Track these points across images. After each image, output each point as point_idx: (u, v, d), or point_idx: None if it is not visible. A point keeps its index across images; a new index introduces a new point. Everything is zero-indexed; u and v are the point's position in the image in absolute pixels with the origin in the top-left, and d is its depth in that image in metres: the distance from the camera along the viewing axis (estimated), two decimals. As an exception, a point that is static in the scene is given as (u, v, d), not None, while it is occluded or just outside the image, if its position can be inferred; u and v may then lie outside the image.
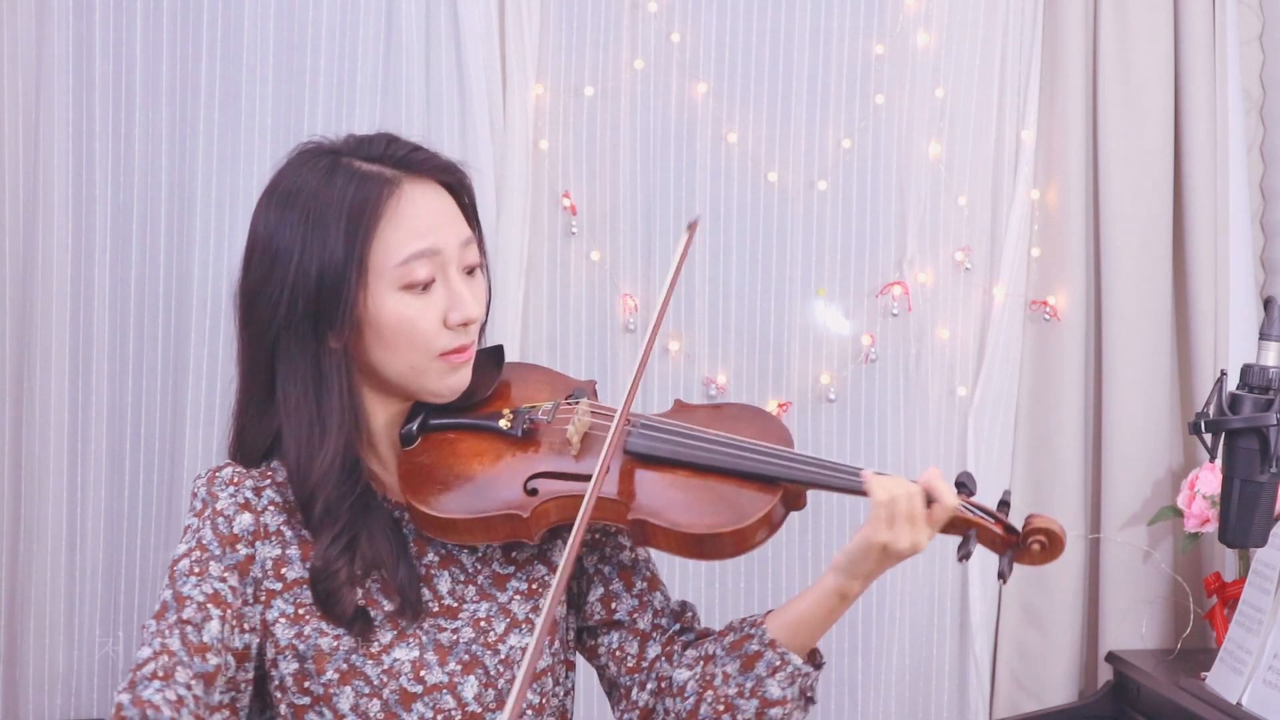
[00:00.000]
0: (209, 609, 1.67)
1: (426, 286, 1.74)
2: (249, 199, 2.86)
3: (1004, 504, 1.75)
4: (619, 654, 1.83)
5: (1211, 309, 2.96)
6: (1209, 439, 2.11)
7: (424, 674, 1.73)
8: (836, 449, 2.99)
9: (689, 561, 2.94)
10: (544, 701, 1.79)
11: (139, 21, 2.88)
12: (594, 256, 2.97)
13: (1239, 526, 2.06)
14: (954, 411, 3.01)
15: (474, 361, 1.81)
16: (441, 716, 1.72)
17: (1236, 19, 3.04)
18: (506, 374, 1.88)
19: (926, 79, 2.98)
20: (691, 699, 1.75)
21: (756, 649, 1.73)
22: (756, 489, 1.72)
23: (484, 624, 1.76)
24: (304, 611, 1.73)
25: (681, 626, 1.85)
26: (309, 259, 1.71)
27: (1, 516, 2.89)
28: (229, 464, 1.79)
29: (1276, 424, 1.99)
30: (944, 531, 1.74)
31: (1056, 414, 2.99)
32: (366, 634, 1.72)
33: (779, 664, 1.73)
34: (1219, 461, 2.16)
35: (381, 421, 1.80)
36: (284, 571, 1.74)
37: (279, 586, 1.73)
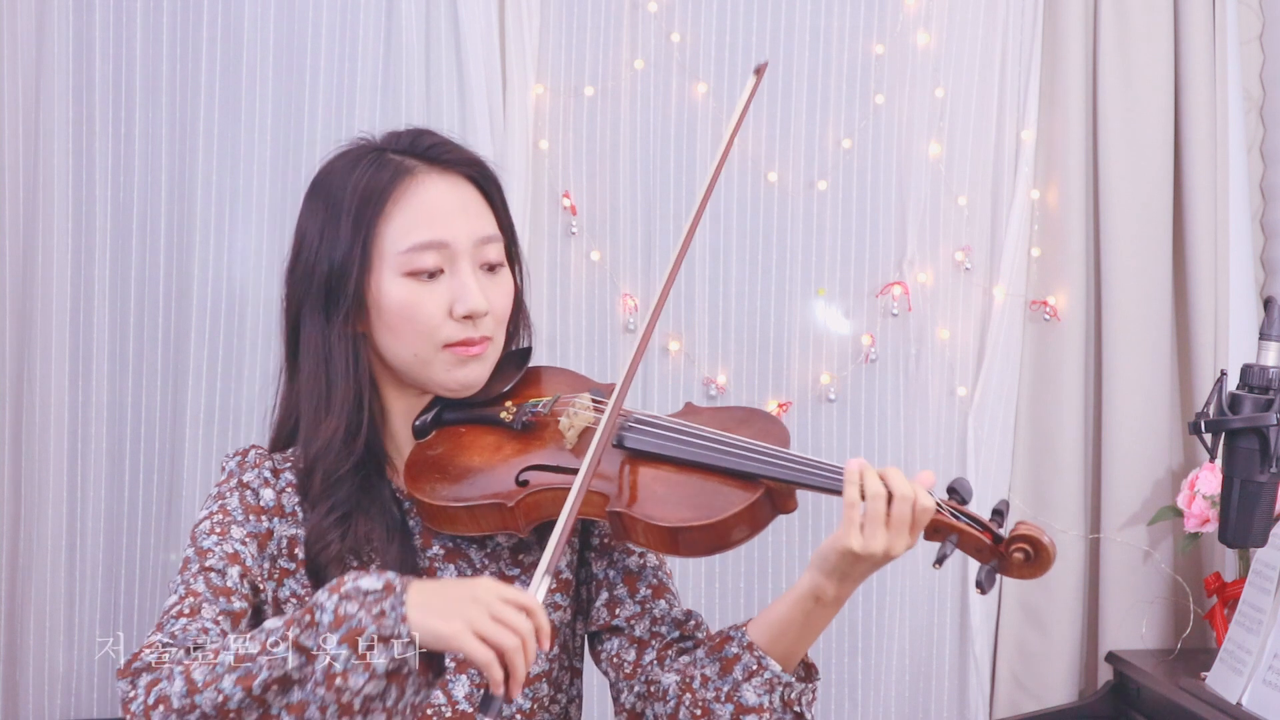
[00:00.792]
0: (229, 561, 1.71)
1: (433, 275, 1.76)
2: (249, 199, 2.89)
3: (997, 513, 1.69)
4: (616, 660, 1.82)
5: (1211, 309, 2.96)
6: (1209, 439, 2.12)
7: None
8: (836, 449, 2.99)
9: (689, 564, 2.95)
10: (536, 707, 1.78)
11: (139, 21, 2.88)
12: (594, 256, 2.97)
13: (1239, 526, 2.06)
14: (954, 411, 3.01)
15: (499, 361, 1.83)
16: (430, 712, 1.73)
17: (1236, 19, 3.04)
18: (531, 375, 1.90)
19: (926, 79, 2.98)
20: (672, 702, 1.73)
21: (735, 651, 1.71)
22: (736, 485, 1.70)
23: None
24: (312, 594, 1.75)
25: (682, 635, 1.82)
26: (325, 241, 1.76)
27: (1, 516, 2.89)
28: (254, 447, 1.84)
29: (1276, 424, 1.99)
30: (926, 538, 1.68)
31: (1056, 414, 2.99)
32: None
33: (755, 668, 1.70)
34: (1219, 461, 2.16)
35: (399, 413, 1.83)
36: (297, 551, 1.76)
37: (292, 566, 1.76)
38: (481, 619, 1.45)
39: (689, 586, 2.97)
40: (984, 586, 1.63)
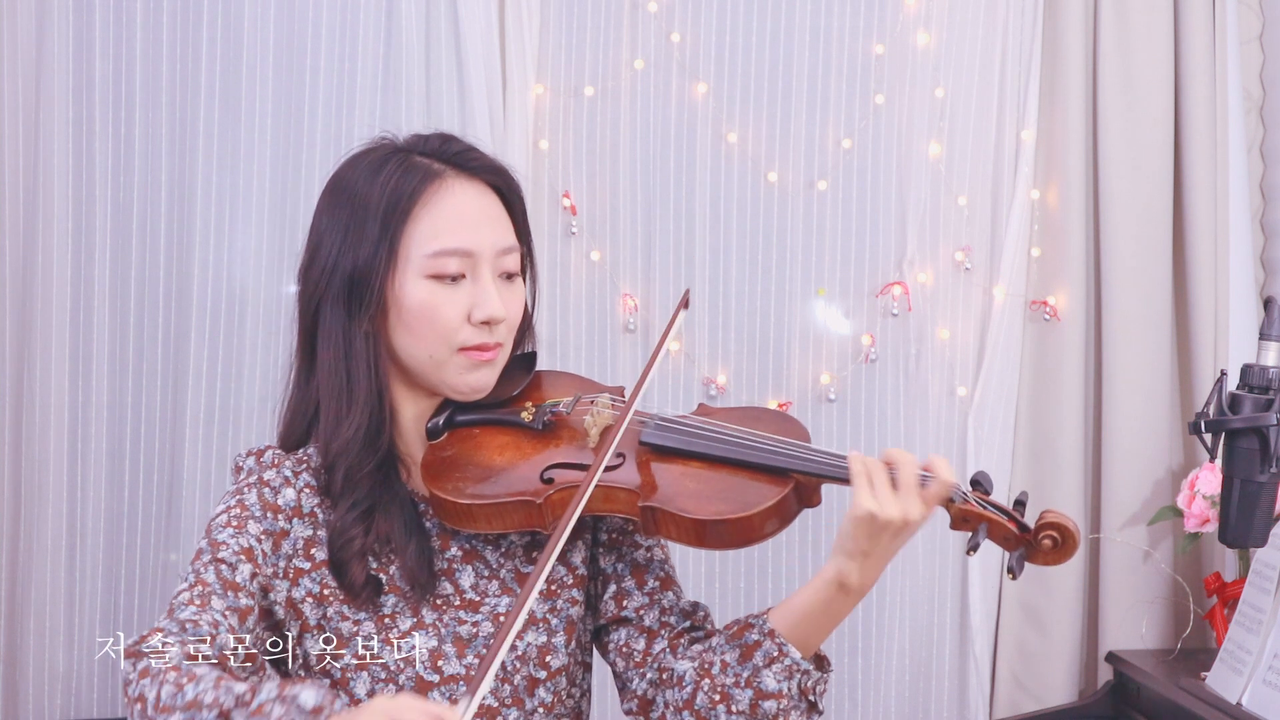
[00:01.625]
0: (242, 557, 1.73)
1: (455, 279, 1.78)
2: (249, 199, 2.89)
3: (1019, 503, 1.76)
4: (625, 649, 1.84)
5: (1211, 309, 2.96)
6: (1209, 439, 2.11)
7: (441, 664, 1.76)
8: (836, 449, 2.97)
9: (689, 562, 2.95)
10: (554, 701, 1.81)
11: (139, 21, 2.88)
12: (594, 256, 2.97)
13: (1239, 526, 2.06)
14: (954, 411, 3.01)
15: (505, 365, 1.86)
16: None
17: (1236, 19, 3.04)
18: (537, 379, 1.93)
19: (926, 79, 2.98)
20: (689, 687, 1.75)
21: (756, 638, 1.73)
22: (767, 480, 1.74)
23: (503, 619, 1.78)
24: (329, 593, 1.77)
25: (691, 625, 1.85)
26: (349, 240, 1.77)
27: (1, 516, 2.89)
28: (270, 447, 1.85)
29: (1276, 424, 1.99)
30: (956, 528, 1.74)
31: (1056, 414, 2.99)
32: (374, 602, 1.76)
33: (776, 654, 1.72)
34: (1219, 461, 2.16)
35: (410, 415, 1.85)
36: (313, 552, 1.78)
37: (307, 566, 1.78)
38: None
39: (688, 586, 2.96)
40: (1015, 572, 1.70)
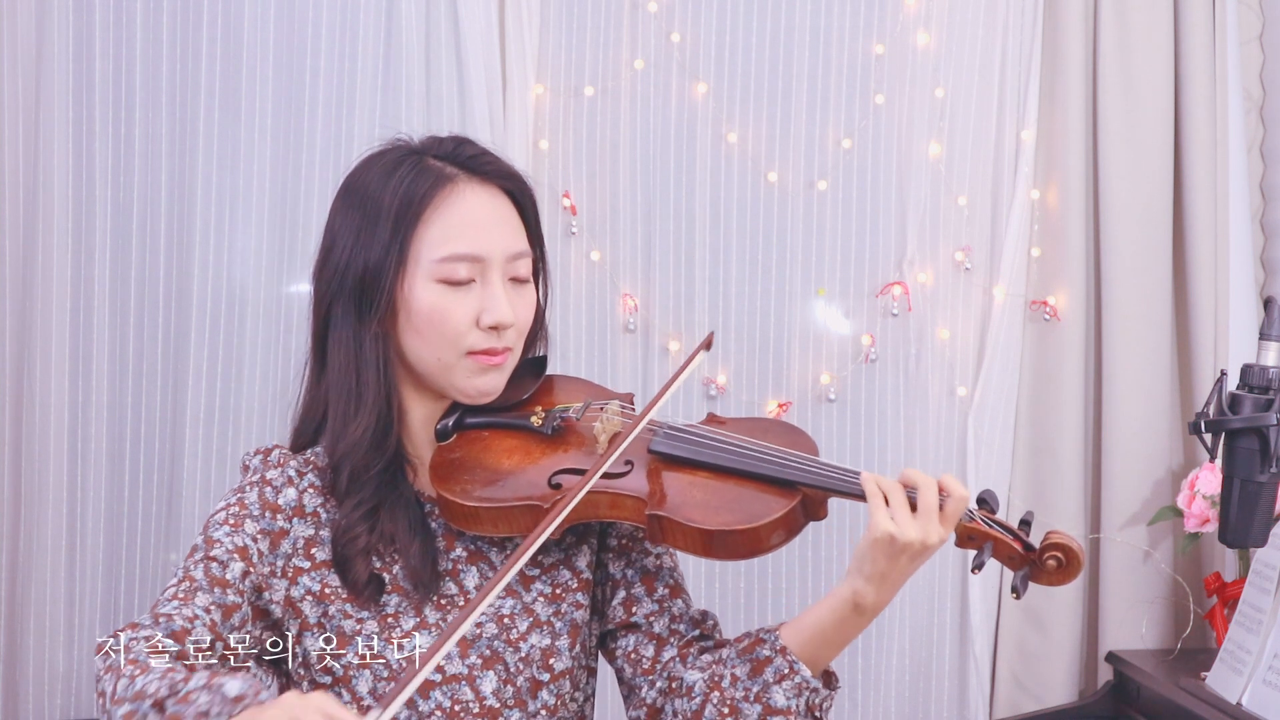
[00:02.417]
0: (235, 556, 1.73)
1: (465, 284, 1.78)
2: (249, 199, 2.89)
3: (1025, 523, 1.75)
4: (634, 656, 1.84)
5: (1211, 309, 2.96)
6: (1209, 439, 2.11)
7: (444, 664, 1.76)
8: (836, 449, 2.99)
9: (689, 568, 2.95)
10: (558, 704, 1.81)
11: (139, 21, 2.88)
12: (594, 256, 2.97)
13: (1239, 526, 2.06)
14: (954, 411, 3.01)
15: (514, 369, 1.86)
16: (459, 708, 1.75)
17: (1236, 19, 3.04)
18: (547, 383, 1.93)
19: (926, 79, 2.98)
20: (698, 699, 1.75)
21: (767, 654, 1.73)
22: (775, 492, 1.74)
23: (507, 621, 1.79)
24: (330, 592, 1.77)
25: (701, 634, 1.85)
26: (360, 242, 1.78)
27: (1, 516, 2.89)
28: (277, 446, 1.85)
29: (1276, 424, 1.99)
30: (961, 545, 1.73)
31: (1056, 414, 2.99)
32: (377, 601, 1.76)
33: (787, 671, 1.72)
34: (1219, 461, 2.16)
35: (419, 416, 1.85)
36: (314, 551, 1.79)
37: (307, 565, 1.78)
38: None
39: (689, 590, 2.97)
40: (1019, 592, 1.70)
